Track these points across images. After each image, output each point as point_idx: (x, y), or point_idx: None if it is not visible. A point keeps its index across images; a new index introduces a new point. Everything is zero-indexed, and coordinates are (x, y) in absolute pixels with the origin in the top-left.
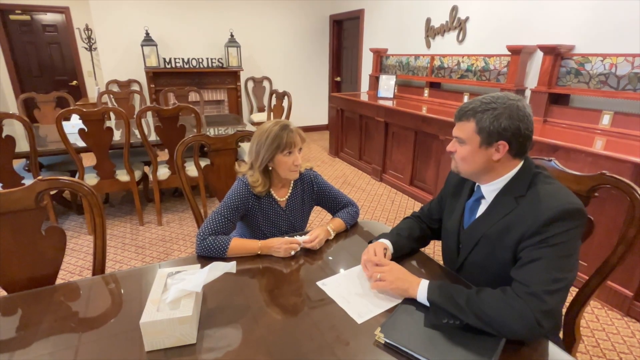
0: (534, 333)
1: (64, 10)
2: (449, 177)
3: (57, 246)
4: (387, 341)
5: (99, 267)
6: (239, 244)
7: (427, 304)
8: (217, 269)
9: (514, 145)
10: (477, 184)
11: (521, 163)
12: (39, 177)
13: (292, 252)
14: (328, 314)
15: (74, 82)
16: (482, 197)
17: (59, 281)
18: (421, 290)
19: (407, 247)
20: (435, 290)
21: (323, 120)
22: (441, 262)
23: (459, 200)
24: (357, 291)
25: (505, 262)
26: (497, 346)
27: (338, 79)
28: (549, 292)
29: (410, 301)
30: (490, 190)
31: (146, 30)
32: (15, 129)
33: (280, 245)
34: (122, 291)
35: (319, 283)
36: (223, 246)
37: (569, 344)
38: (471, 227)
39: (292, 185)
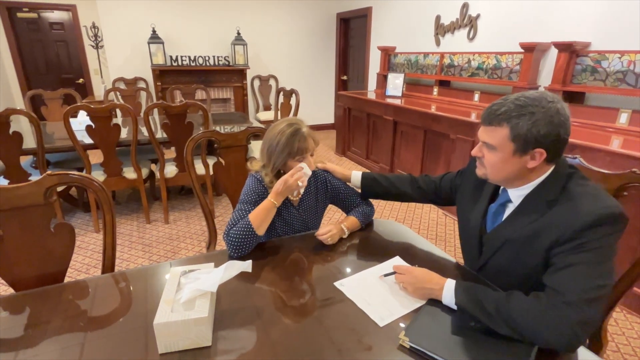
0: (570, 345)
1: (70, 8)
2: (466, 172)
3: (66, 243)
4: (413, 346)
5: (108, 264)
6: (255, 213)
7: (454, 307)
8: (233, 267)
9: (551, 151)
10: (502, 187)
11: (553, 166)
12: (48, 172)
13: (302, 183)
14: (348, 316)
15: (81, 80)
16: (509, 200)
17: (66, 279)
18: (447, 292)
19: (380, 191)
20: (462, 293)
21: (329, 119)
22: (461, 261)
23: (479, 201)
24: (377, 292)
25: (533, 267)
26: (530, 353)
27: (344, 77)
28: (587, 300)
29: (435, 302)
30: (518, 194)
31: (153, 28)
32: (22, 126)
33: (284, 182)
34: (132, 290)
35: (337, 283)
36: (247, 227)
37: (596, 349)
38: (495, 231)
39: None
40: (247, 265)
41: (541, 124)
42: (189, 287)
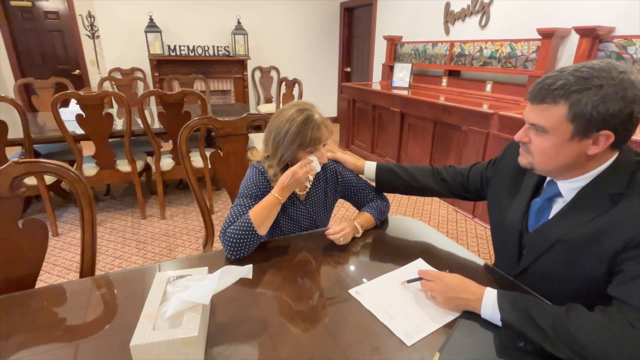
0: None
1: None
2: (501, 161)
3: (37, 242)
4: None
5: (87, 267)
6: (257, 209)
7: (497, 322)
8: (229, 274)
9: (620, 134)
10: (548, 178)
11: (617, 152)
12: (15, 159)
13: (312, 176)
14: (367, 331)
15: (77, 72)
16: (558, 194)
17: (53, 279)
18: (487, 305)
19: (398, 184)
20: (508, 306)
21: (332, 112)
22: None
23: (519, 195)
24: (400, 302)
25: (591, 274)
26: None
27: (348, 69)
28: None
29: (471, 314)
30: (571, 187)
31: (150, 16)
32: (15, 117)
33: (292, 175)
34: (116, 296)
35: (352, 291)
36: (247, 225)
37: None
38: (541, 230)
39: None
40: (246, 271)
41: (611, 99)
42: (176, 298)
